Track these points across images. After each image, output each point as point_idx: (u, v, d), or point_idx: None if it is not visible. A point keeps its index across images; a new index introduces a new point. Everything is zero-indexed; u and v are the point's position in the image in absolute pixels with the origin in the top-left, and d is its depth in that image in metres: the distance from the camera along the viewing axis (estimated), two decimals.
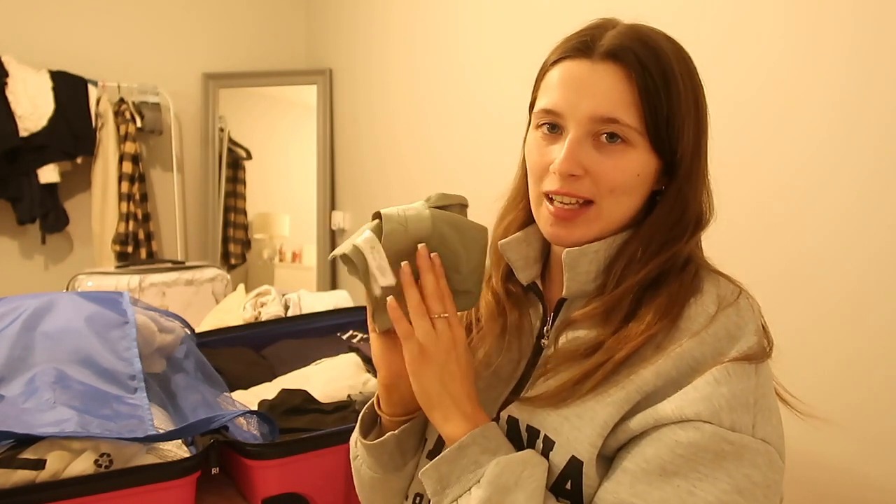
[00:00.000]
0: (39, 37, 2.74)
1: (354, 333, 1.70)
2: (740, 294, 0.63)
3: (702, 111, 0.66)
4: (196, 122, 3.13)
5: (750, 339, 0.59)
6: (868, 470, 1.10)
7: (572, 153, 0.62)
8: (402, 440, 0.74)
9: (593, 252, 0.66)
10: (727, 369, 0.57)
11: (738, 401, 0.56)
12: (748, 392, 0.57)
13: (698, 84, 0.66)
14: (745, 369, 0.58)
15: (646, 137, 0.62)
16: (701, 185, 0.67)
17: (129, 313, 1.18)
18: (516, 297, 0.74)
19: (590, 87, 0.62)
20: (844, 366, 1.13)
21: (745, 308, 0.62)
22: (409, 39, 2.45)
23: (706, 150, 0.68)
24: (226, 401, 1.22)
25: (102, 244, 2.83)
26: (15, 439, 0.88)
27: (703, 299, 0.62)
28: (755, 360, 0.59)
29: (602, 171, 0.63)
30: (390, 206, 0.68)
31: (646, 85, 0.61)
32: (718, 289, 0.63)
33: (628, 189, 0.64)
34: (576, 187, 0.63)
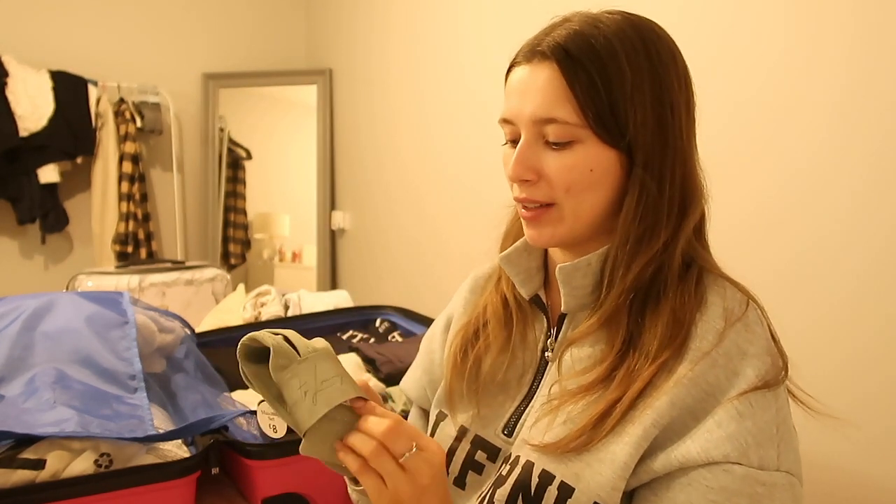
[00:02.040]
0: (39, 37, 2.74)
1: (354, 333, 1.70)
2: (748, 305, 0.61)
3: (666, 87, 0.61)
4: (196, 122, 3.13)
5: (763, 360, 0.57)
6: (868, 470, 1.10)
7: (520, 159, 0.62)
8: None
9: (585, 265, 0.65)
10: (749, 401, 0.56)
11: (763, 434, 0.55)
12: (771, 423, 0.56)
13: (661, 63, 0.61)
14: (766, 398, 0.56)
15: (589, 130, 0.60)
16: (677, 167, 0.63)
17: (129, 313, 1.18)
18: (522, 308, 0.73)
19: (530, 90, 0.62)
20: (844, 365, 1.13)
21: (753, 322, 0.60)
22: (409, 39, 2.44)
23: (681, 129, 0.63)
24: (226, 401, 1.22)
25: (102, 244, 2.83)
26: (15, 439, 0.88)
27: (708, 314, 0.60)
28: (774, 385, 0.57)
29: (552, 172, 0.62)
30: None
31: (577, 77, 0.59)
32: (725, 300, 0.61)
33: (586, 186, 0.62)
34: (532, 192, 0.63)
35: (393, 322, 1.77)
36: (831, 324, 1.14)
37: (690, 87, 0.65)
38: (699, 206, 0.64)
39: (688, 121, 0.64)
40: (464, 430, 0.71)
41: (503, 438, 0.68)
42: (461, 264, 2.13)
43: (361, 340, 1.65)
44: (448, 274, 2.24)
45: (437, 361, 0.84)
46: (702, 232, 0.67)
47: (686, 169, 0.64)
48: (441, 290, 2.25)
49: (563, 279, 0.65)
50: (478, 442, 0.70)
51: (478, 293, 0.81)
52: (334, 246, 3.10)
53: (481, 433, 0.70)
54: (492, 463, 0.68)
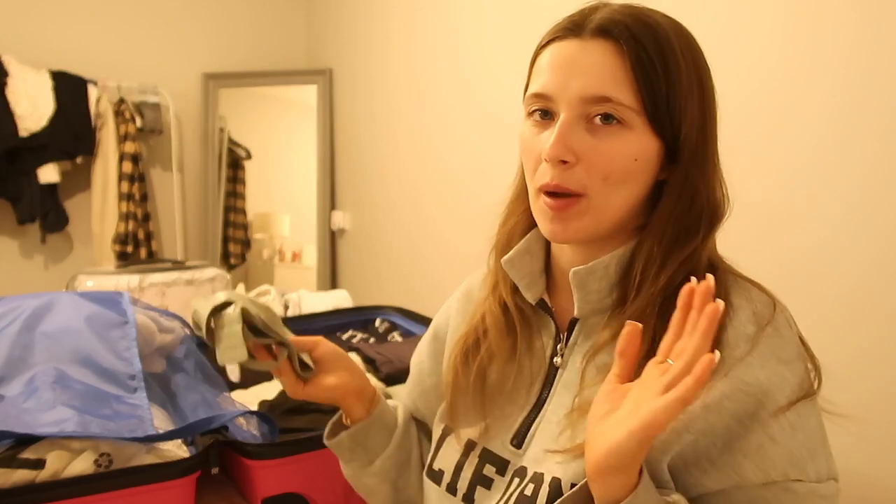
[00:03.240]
0: (39, 37, 2.74)
1: (354, 333, 1.70)
2: (775, 308, 0.58)
3: (707, 92, 0.61)
4: (196, 122, 3.13)
5: (799, 366, 0.56)
6: (869, 469, 1.10)
7: (562, 137, 0.57)
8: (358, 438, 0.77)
9: (602, 268, 0.61)
10: (798, 411, 0.54)
11: (814, 444, 0.55)
12: (817, 431, 0.56)
13: (702, 63, 0.61)
14: (808, 405, 0.55)
15: (643, 116, 0.57)
16: (711, 171, 0.61)
17: (129, 313, 1.18)
18: (525, 314, 0.69)
19: (580, 66, 0.57)
20: (846, 363, 1.13)
21: (783, 326, 0.57)
22: (409, 39, 2.44)
23: (715, 135, 0.62)
24: (226, 401, 1.22)
25: (102, 244, 2.83)
26: (15, 439, 0.88)
27: (737, 318, 0.57)
28: (812, 392, 0.56)
29: (595, 155, 0.57)
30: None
31: (640, 59, 0.56)
32: (752, 303, 0.58)
33: (624, 176, 0.58)
34: (565, 178, 0.58)
35: (393, 322, 1.77)
36: (832, 322, 1.14)
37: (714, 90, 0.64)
38: (726, 208, 0.63)
39: (715, 124, 0.63)
40: (471, 444, 0.69)
41: (511, 450, 0.65)
42: (461, 264, 2.13)
43: (361, 340, 1.65)
44: (448, 274, 2.24)
45: (425, 371, 0.83)
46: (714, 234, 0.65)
47: (718, 172, 0.63)
48: (441, 290, 2.24)
49: (578, 283, 0.62)
50: (486, 455, 0.67)
51: (473, 302, 0.77)
52: (334, 246, 3.10)
53: (489, 446, 0.67)
54: (501, 476, 0.65)
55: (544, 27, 0.64)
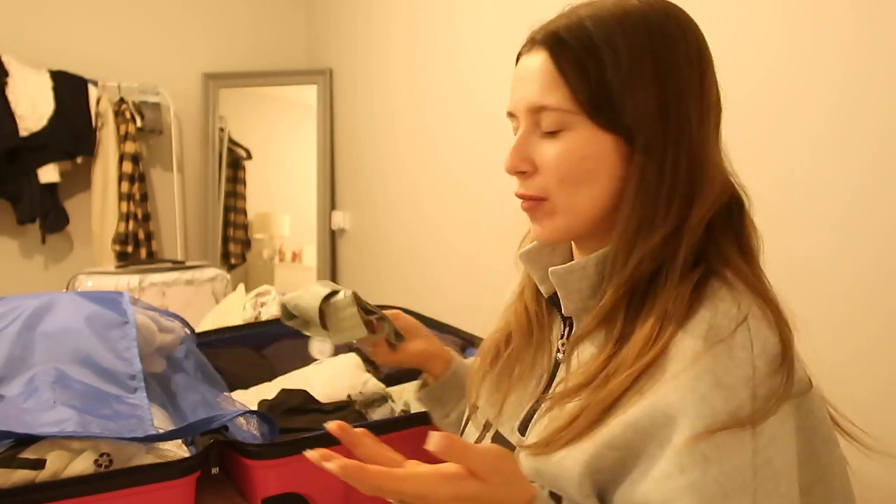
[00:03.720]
0: (39, 37, 2.74)
1: None
2: (740, 325, 0.53)
3: (673, 75, 0.57)
4: (196, 122, 3.13)
5: (738, 393, 0.50)
6: (869, 469, 1.10)
7: (516, 150, 0.61)
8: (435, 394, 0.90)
9: (580, 269, 0.62)
10: (716, 442, 0.49)
11: (733, 482, 0.49)
12: (744, 467, 0.49)
13: (667, 45, 0.58)
14: (738, 437, 0.49)
15: (583, 115, 0.58)
16: (678, 157, 0.58)
17: (129, 313, 1.18)
18: (541, 312, 0.71)
19: (524, 80, 0.61)
20: (845, 364, 1.13)
21: (738, 346, 0.52)
22: (409, 39, 2.45)
23: (689, 118, 0.58)
24: (226, 401, 1.22)
25: (102, 244, 2.83)
26: (15, 439, 0.88)
27: (691, 330, 0.53)
28: (749, 423, 0.50)
29: (546, 161, 0.60)
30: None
31: (567, 59, 0.57)
32: (715, 315, 0.54)
33: (578, 177, 0.59)
34: (526, 185, 0.62)
35: None
36: (832, 322, 1.14)
37: (706, 72, 0.60)
38: (710, 198, 0.58)
39: (701, 106, 0.59)
40: (488, 426, 0.72)
41: (518, 437, 0.68)
42: (461, 264, 2.13)
43: None
44: (448, 274, 2.23)
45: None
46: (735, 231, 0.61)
47: (696, 157, 0.58)
48: (441, 290, 2.25)
49: (558, 283, 0.64)
50: (496, 438, 0.70)
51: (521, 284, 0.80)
52: (334, 246, 3.10)
53: (501, 429, 0.70)
54: None
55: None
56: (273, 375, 1.44)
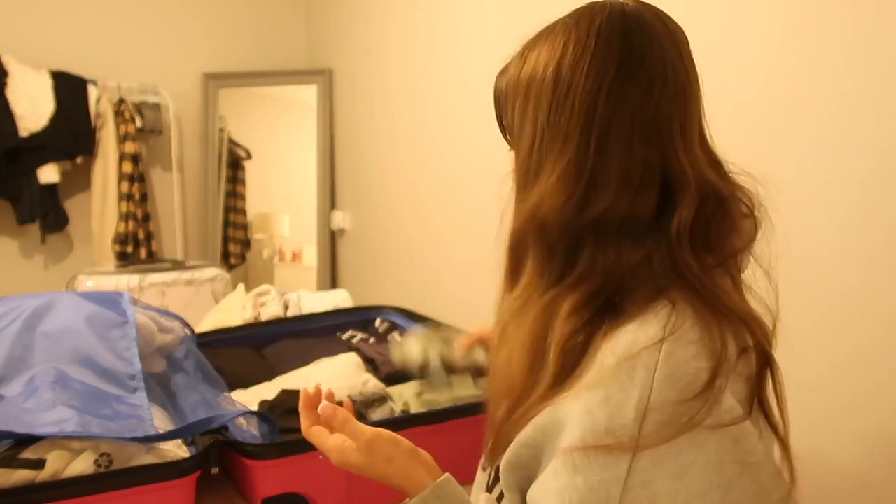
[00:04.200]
0: (39, 37, 2.74)
1: (354, 333, 1.70)
2: (652, 346, 0.51)
3: (542, 93, 0.60)
4: (196, 122, 3.13)
5: (621, 412, 0.49)
6: (870, 469, 1.10)
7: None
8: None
9: None
10: (588, 455, 0.49)
11: (594, 495, 0.49)
12: (610, 484, 0.49)
13: (553, 85, 0.59)
14: (613, 455, 0.49)
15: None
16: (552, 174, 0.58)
17: (129, 313, 1.18)
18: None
19: None
20: (845, 364, 1.13)
21: (643, 366, 0.51)
22: (409, 39, 2.45)
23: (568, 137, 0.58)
24: (226, 401, 1.22)
25: (102, 244, 2.83)
26: (15, 439, 0.88)
27: (611, 345, 0.53)
28: (629, 445, 0.49)
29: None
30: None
31: (496, 108, 0.71)
32: (640, 333, 0.53)
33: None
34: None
35: (393, 322, 1.77)
36: (832, 322, 1.14)
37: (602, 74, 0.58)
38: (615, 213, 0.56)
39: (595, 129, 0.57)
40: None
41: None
42: (461, 264, 2.13)
43: (361, 340, 1.65)
44: (448, 274, 2.23)
45: None
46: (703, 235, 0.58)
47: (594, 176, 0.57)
48: (441, 290, 2.25)
49: None
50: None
51: None
52: (334, 246, 3.10)
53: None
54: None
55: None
56: (273, 375, 1.44)
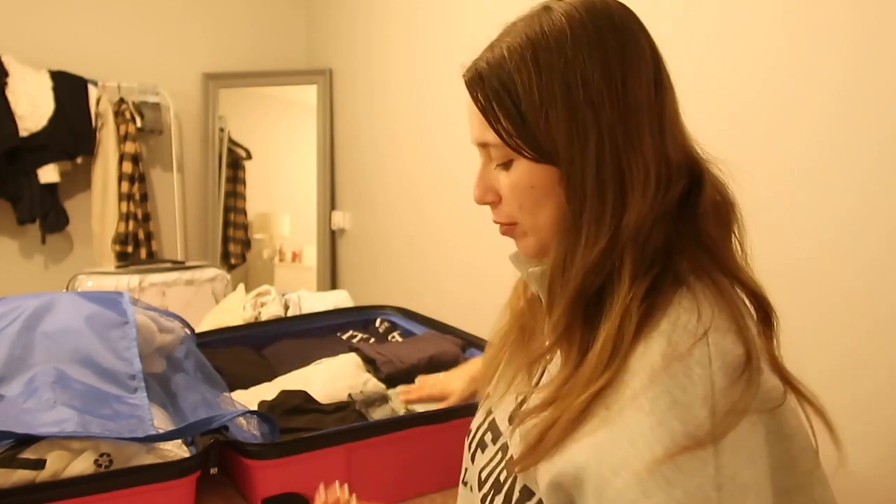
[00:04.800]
0: (39, 37, 2.74)
1: (354, 333, 1.70)
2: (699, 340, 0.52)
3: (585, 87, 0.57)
4: (196, 122, 3.13)
5: (696, 413, 0.49)
6: (871, 471, 1.10)
7: (478, 182, 0.66)
8: None
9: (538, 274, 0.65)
10: (677, 464, 0.48)
11: (693, 502, 0.48)
12: (706, 485, 0.48)
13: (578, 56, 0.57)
14: (699, 456, 0.48)
15: (515, 149, 0.60)
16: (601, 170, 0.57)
17: (129, 313, 1.18)
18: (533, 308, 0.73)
19: (469, 115, 0.65)
20: (846, 365, 1.13)
21: (696, 363, 0.51)
22: (409, 39, 2.45)
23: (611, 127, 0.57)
24: (226, 401, 1.22)
25: (102, 244, 2.83)
26: (15, 439, 0.88)
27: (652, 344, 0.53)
28: (709, 441, 0.49)
29: (504, 191, 0.64)
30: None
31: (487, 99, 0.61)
32: (675, 329, 0.53)
33: (534, 201, 0.61)
34: (497, 213, 0.67)
35: (393, 322, 1.77)
36: (829, 324, 1.14)
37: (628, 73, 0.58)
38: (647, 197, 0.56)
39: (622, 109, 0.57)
40: (489, 412, 0.74)
41: (507, 425, 0.69)
42: (461, 264, 2.13)
43: (361, 340, 1.65)
44: (448, 274, 2.24)
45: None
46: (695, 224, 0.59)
47: (622, 162, 0.57)
48: (441, 290, 2.25)
49: (534, 284, 0.67)
50: (491, 423, 0.72)
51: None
52: (334, 246, 3.10)
53: (497, 415, 0.72)
54: (492, 445, 0.70)
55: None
56: (273, 375, 1.44)
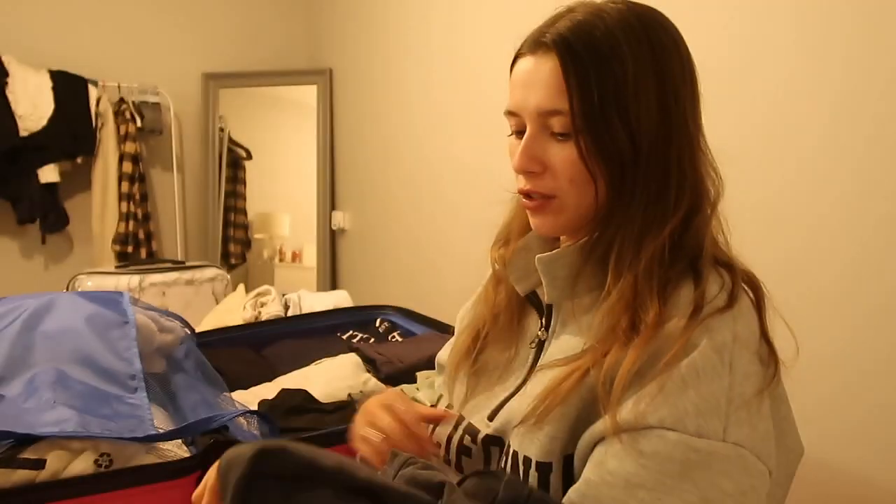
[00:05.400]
0: (39, 37, 2.74)
1: (354, 333, 1.70)
2: (727, 294, 0.59)
3: (670, 81, 0.61)
4: (196, 122, 3.13)
5: (724, 333, 0.56)
6: (874, 473, 1.10)
7: (526, 150, 0.63)
8: None
9: (565, 256, 0.65)
10: (695, 368, 0.54)
11: (706, 404, 0.54)
12: (719, 393, 0.54)
13: (665, 52, 0.62)
14: (716, 367, 0.55)
15: (592, 121, 0.60)
16: (681, 159, 0.62)
17: (129, 313, 1.18)
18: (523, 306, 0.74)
19: (534, 83, 0.62)
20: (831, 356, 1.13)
21: (740, 314, 0.58)
22: (409, 39, 2.44)
23: (686, 121, 0.63)
24: (226, 401, 1.22)
25: (102, 244, 2.83)
26: (15, 439, 0.88)
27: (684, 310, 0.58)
28: (725, 351, 0.55)
29: (558, 163, 0.63)
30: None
31: (577, 68, 0.60)
32: (709, 286, 0.59)
33: (587, 178, 0.62)
34: (536, 184, 0.64)
35: (393, 322, 1.77)
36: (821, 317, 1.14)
37: (695, 77, 0.64)
38: (705, 194, 0.64)
39: (693, 110, 0.64)
40: (461, 419, 0.73)
41: (486, 423, 0.70)
42: (461, 263, 2.13)
43: (361, 340, 1.65)
44: (448, 273, 2.23)
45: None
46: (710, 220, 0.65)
47: (695, 153, 0.63)
48: (441, 290, 2.24)
49: (543, 270, 0.67)
50: (468, 428, 0.72)
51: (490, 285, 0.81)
52: (334, 246, 3.10)
53: (473, 421, 0.72)
54: (473, 445, 0.70)
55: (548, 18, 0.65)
56: (273, 375, 1.44)
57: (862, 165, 1.10)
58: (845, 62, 1.12)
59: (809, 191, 1.18)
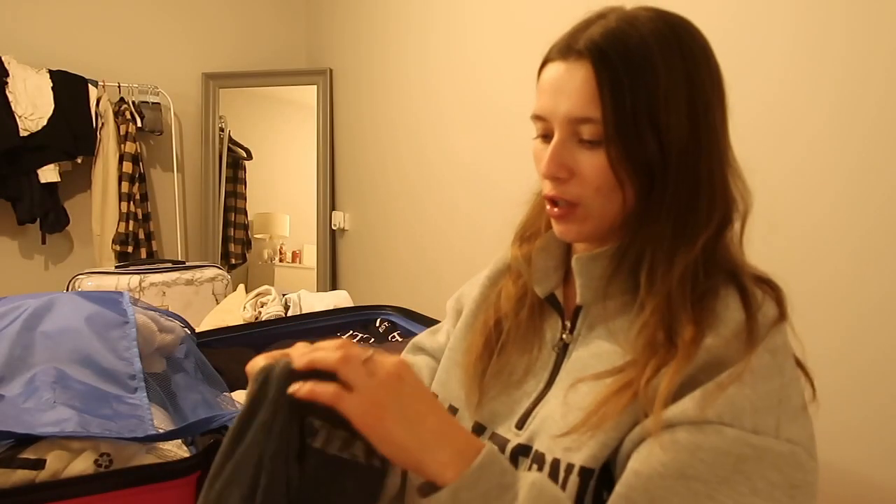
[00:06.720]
0: (39, 37, 2.74)
1: (354, 333, 1.70)
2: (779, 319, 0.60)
3: (701, 91, 0.62)
4: (196, 122, 3.13)
5: (776, 339, 0.59)
6: (875, 473, 1.10)
7: (554, 156, 0.63)
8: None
9: (604, 256, 0.65)
10: (752, 369, 0.56)
11: (762, 402, 0.56)
12: (773, 392, 0.56)
13: (695, 62, 0.62)
14: (770, 368, 0.57)
15: (622, 130, 0.60)
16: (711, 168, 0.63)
17: (129, 313, 1.18)
18: (542, 307, 0.73)
19: (565, 89, 0.62)
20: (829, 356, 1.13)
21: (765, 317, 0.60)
22: (409, 39, 2.45)
23: (716, 130, 0.63)
24: (226, 401, 1.22)
25: (102, 244, 2.83)
26: (15, 439, 0.88)
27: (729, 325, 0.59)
28: (781, 356, 0.58)
29: (585, 170, 0.62)
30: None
31: (610, 76, 0.59)
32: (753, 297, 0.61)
33: (614, 186, 0.62)
34: (562, 190, 0.64)
35: (393, 322, 1.77)
36: (820, 317, 1.14)
37: (723, 86, 0.65)
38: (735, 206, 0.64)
39: (722, 120, 0.64)
40: (479, 427, 0.71)
41: (515, 432, 0.68)
42: (461, 264, 2.13)
43: (361, 340, 1.65)
44: (448, 273, 2.23)
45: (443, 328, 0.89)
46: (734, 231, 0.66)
47: (722, 169, 0.64)
48: (441, 290, 2.24)
49: (580, 270, 0.66)
50: (494, 439, 0.69)
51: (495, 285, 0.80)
52: (334, 246, 3.10)
53: (498, 430, 0.70)
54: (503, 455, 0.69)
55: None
56: None
57: (860, 165, 1.10)
58: (844, 62, 1.12)
59: (808, 191, 1.18)
